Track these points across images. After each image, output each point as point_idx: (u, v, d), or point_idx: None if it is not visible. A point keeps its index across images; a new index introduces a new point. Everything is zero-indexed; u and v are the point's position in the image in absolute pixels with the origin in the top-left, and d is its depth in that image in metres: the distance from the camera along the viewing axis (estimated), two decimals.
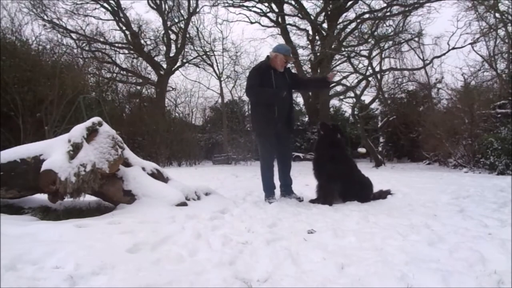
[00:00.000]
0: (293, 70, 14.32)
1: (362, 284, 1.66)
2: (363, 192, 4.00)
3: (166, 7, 18.09)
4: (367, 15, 15.17)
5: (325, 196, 3.90)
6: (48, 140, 3.43)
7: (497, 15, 12.92)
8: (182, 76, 20.26)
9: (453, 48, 14.96)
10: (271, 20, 17.04)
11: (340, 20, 15.99)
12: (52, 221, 2.77)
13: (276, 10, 16.33)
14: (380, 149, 15.67)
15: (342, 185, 3.91)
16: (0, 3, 11.89)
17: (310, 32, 16.58)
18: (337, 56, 16.66)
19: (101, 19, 17.55)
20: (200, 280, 1.68)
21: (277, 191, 4.27)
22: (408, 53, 17.04)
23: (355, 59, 16.60)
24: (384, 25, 15.60)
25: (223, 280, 1.67)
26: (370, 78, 15.38)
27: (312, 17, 15.53)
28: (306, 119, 21.83)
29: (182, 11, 18.18)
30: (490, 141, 8.16)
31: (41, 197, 3.39)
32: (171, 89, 19.28)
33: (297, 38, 17.58)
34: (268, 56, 4.26)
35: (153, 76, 18.57)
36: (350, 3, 15.39)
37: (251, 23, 17.05)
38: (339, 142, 4.10)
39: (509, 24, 12.58)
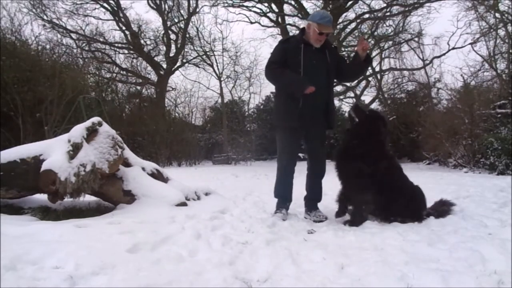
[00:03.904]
0: None
1: (362, 284, 1.66)
2: (410, 207, 2.91)
3: (166, 7, 18.07)
4: (367, 15, 15.17)
5: (354, 214, 2.99)
6: (48, 140, 3.42)
7: (497, 15, 12.93)
8: (182, 76, 20.22)
9: (453, 48, 15.00)
10: (271, 20, 17.01)
11: (340, 20, 15.96)
12: (52, 221, 2.77)
13: (276, 10, 16.30)
14: None
15: (381, 196, 2.88)
16: (0, 3, 11.88)
17: None
18: None
19: (101, 19, 17.53)
20: (200, 280, 1.68)
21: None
22: (408, 53, 17.09)
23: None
24: (384, 25, 15.61)
25: (223, 280, 1.67)
26: (370, 78, 15.39)
27: None
28: None
29: (182, 11, 18.16)
30: (490, 141, 8.16)
31: (41, 197, 3.39)
32: (171, 89, 19.26)
33: None
34: (303, 28, 3.26)
35: (153, 76, 18.55)
36: (350, 3, 15.36)
37: (251, 23, 17.03)
38: (381, 135, 3.00)
39: (509, 24, 12.59)
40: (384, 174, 2.90)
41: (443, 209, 3.10)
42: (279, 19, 16.39)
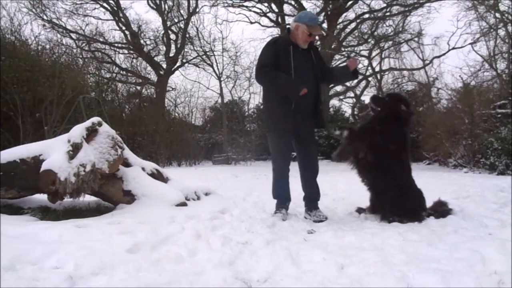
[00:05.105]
0: None
1: (362, 284, 1.66)
2: (407, 203, 2.88)
3: (166, 7, 18.07)
4: (367, 15, 15.19)
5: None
6: (48, 140, 3.42)
7: (497, 15, 12.93)
8: (182, 76, 20.19)
9: (453, 48, 15.03)
10: (271, 20, 17.05)
11: (340, 20, 15.99)
12: (51, 221, 2.76)
13: (276, 10, 16.33)
14: None
15: (377, 178, 2.95)
16: (0, 2, 11.88)
17: None
18: (337, 56, 16.68)
19: (100, 19, 17.54)
20: (200, 280, 1.68)
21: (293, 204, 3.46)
22: (408, 53, 17.09)
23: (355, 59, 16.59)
24: (384, 25, 15.64)
25: (223, 280, 1.67)
26: (370, 78, 15.39)
27: None
28: None
29: (182, 11, 18.16)
30: (490, 141, 8.16)
31: (41, 197, 3.39)
32: (171, 89, 19.27)
33: None
34: (288, 28, 3.28)
35: (153, 76, 18.55)
36: (350, 3, 15.39)
37: (251, 23, 17.07)
38: (403, 115, 3.03)
39: (509, 24, 12.59)
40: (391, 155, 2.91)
41: (443, 209, 3.08)
42: (279, 19, 16.41)
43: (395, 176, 2.95)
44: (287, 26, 3.36)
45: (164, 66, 18.24)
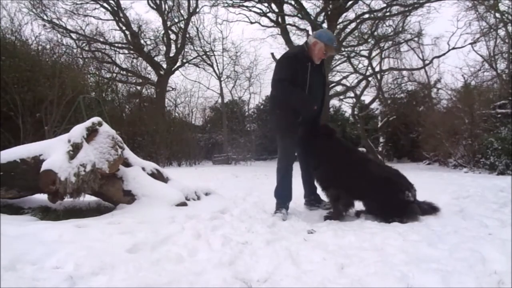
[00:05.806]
0: None
1: (362, 284, 1.66)
2: (381, 196, 2.98)
3: (166, 7, 18.07)
4: (367, 15, 15.17)
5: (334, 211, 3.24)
6: (48, 140, 3.42)
7: (497, 15, 12.94)
8: (182, 76, 20.18)
9: (453, 48, 15.03)
10: (271, 20, 17.01)
11: (340, 20, 15.95)
12: (52, 221, 2.77)
13: (276, 10, 16.30)
14: (380, 149, 15.71)
15: (355, 191, 3.11)
16: (0, 3, 11.88)
17: (310, 32, 16.54)
18: (337, 56, 16.65)
19: (101, 19, 17.52)
20: (200, 281, 1.68)
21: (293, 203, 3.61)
22: (408, 53, 17.11)
23: (355, 59, 16.64)
24: (384, 25, 15.63)
25: (223, 280, 1.67)
26: (370, 78, 15.39)
27: (312, 17, 15.50)
28: None
29: (182, 11, 18.15)
30: (490, 141, 8.17)
31: (41, 197, 3.39)
32: (171, 89, 19.27)
33: (297, 38, 17.52)
34: (306, 42, 3.45)
35: (153, 76, 18.54)
36: (350, 3, 15.36)
37: (251, 23, 17.02)
38: (318, 133, 3.34)
39: (509, 24, 12.59)
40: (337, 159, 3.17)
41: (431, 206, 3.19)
42: (279, 19, 16.39)
43: (364, 182, 3.07)
44: (306, 40, 3.53)
45: (164, 66, 18.22)
